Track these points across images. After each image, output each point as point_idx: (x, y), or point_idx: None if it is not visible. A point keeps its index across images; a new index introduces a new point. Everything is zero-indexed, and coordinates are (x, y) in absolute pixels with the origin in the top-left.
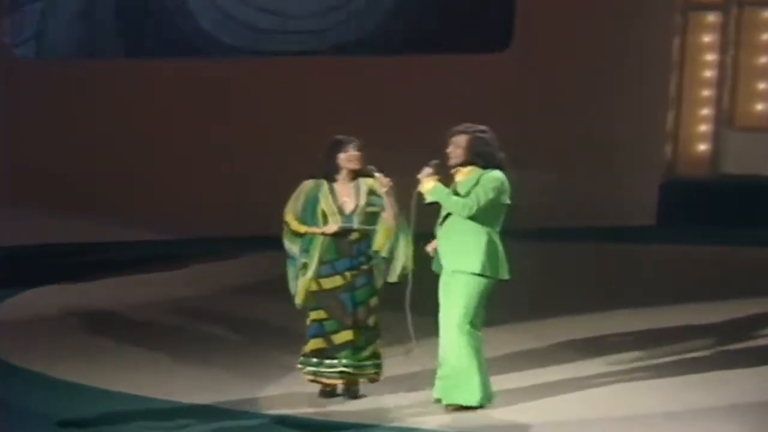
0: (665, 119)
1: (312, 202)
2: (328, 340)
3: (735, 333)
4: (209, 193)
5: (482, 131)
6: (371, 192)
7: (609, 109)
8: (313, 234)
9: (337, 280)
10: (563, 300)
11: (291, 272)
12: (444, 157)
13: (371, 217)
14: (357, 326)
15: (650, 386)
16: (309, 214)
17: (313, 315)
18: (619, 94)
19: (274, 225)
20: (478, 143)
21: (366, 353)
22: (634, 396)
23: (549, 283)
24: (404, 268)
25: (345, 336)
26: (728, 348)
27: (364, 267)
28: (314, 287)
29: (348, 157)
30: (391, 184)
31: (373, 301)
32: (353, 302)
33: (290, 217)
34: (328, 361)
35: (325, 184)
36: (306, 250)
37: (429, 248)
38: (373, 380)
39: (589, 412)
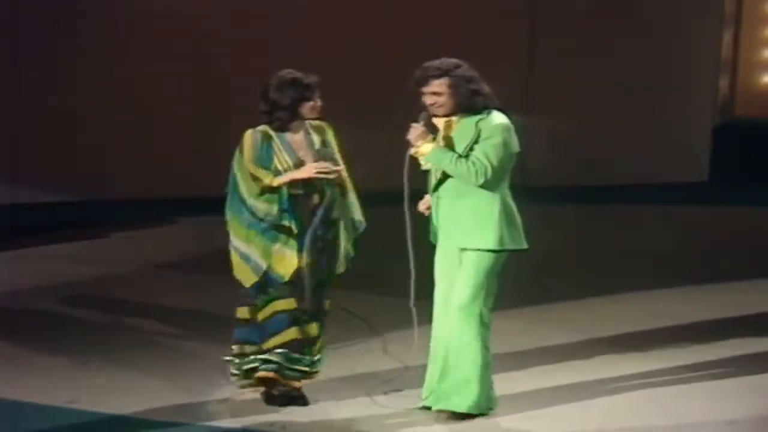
0: (720, 42)
1: (266, 158)
2: (303, 332)
3: None
4: (133, 146)
5: (457, 66)
6: (323, 142)
7: (647, 29)
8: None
9: (308, 256)
10: (590, 278)
11: (255, 244)
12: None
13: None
14: (318, 316)
15: (699, 391)
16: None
17: (280, 305)
18: (663, 9)
19: (206, 184)
20: (464, 82)
21: (317, 347)
22: (678, 403)
23: (573, 257)
24: (347, 253)
25: (314, 329)
26: None
27: (328, 238)
28: (296, 263)
29: (314, 107)
30: (339, 168)
31: (332, 282)
32: (317, 285)
33: (256, 170)
34: (296, 356)
35: (274, 136)
36: (285, 210)
37: (422, 207)
38: (310, 378)
39: (616, 422)
